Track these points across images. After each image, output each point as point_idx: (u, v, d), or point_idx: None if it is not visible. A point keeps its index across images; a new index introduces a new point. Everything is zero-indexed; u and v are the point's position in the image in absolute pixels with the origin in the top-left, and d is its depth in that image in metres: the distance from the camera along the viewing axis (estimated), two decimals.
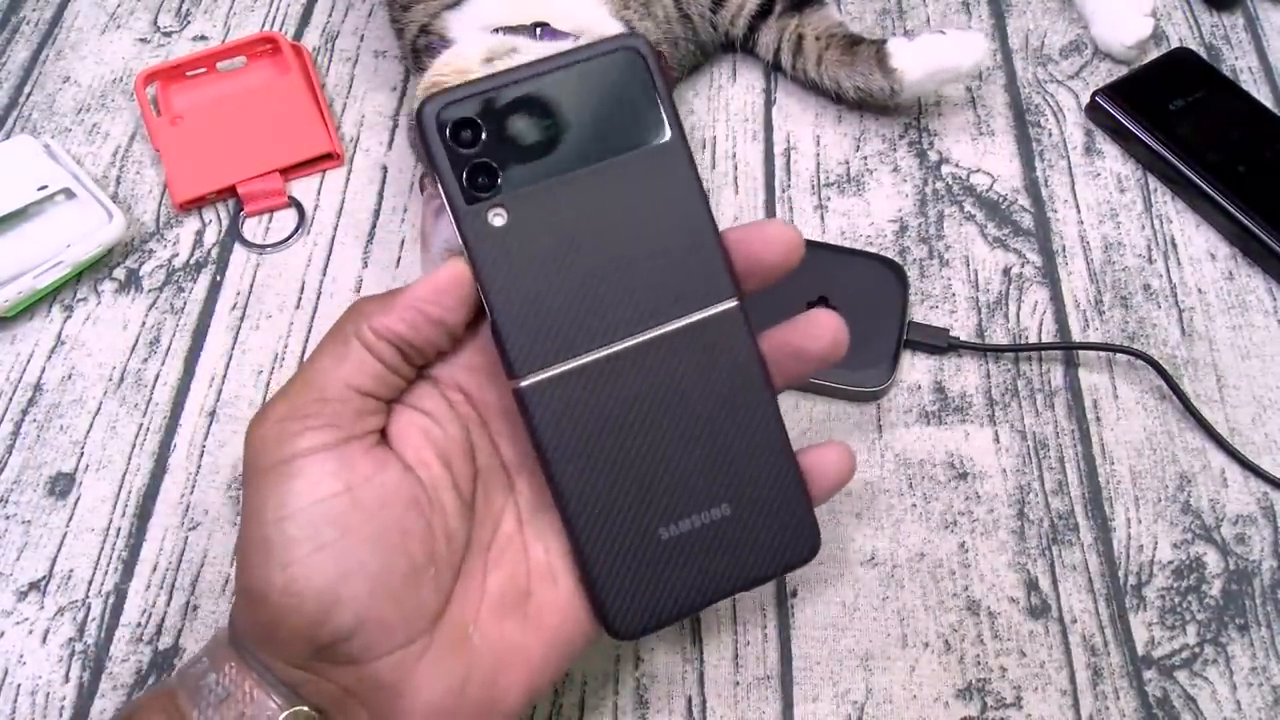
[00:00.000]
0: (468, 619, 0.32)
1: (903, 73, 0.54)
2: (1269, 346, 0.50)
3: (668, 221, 0.31)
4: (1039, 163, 0.56)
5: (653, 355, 0.31)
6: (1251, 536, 0.45)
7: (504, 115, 0.30)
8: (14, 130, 0.57)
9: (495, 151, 0.30)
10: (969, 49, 0.53)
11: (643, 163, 0.31)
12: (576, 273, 0.31)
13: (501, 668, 0.32)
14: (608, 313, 0.31)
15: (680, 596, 0.32)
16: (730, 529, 0.32)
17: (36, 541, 0.45)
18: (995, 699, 0.41)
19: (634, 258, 0.31)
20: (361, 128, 0.58)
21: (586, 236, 0.31)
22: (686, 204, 0.31)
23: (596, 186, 0.31)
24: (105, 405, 0.48)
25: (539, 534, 0.34)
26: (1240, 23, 0.63)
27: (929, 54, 0.53)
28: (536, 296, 0.30)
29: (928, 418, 0.48)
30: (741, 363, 0.32)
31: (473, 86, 0.30)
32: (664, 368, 0.31)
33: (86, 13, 0.63)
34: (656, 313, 0.31)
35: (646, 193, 0.31)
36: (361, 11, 0.63)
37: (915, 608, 0.43)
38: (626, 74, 0.31)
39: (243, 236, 0.54)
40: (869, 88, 0.55)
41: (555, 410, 0.31)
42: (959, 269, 0.52)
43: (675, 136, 0.31)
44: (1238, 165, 0.54)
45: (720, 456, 0.32)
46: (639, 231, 0.31)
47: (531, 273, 0.30)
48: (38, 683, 0.41)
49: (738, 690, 0.41)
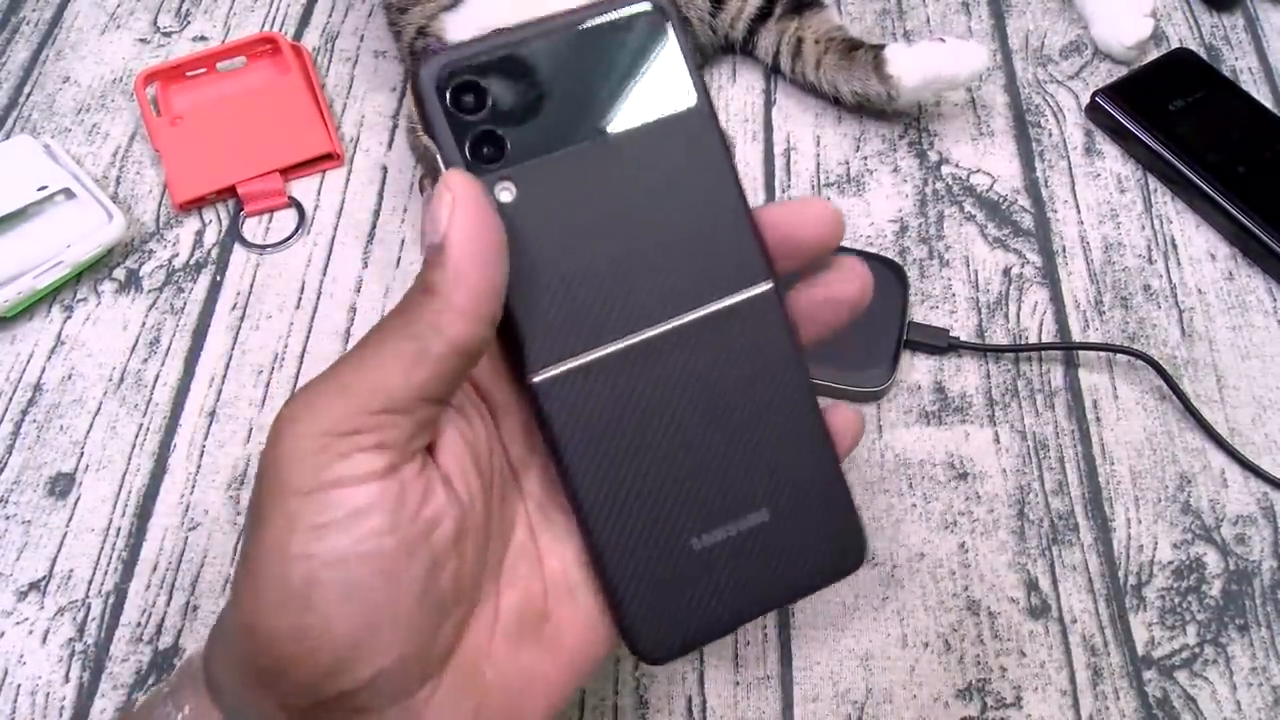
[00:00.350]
0: (481, 653, 0.28)
1: (899, 79, 0.54)
2: (1269, 346, 0.50)
3: (694, 196, 0.28)
4: (1039, 163, 0.56)
5: (679, 345, 0.28)
6: (1251, 537, 0.45)
7: (512, 78, 0.27)
8: (14, 130, 0.57)
9: (502, 119, 0.27)
10: (967, 58, 0.53)
11: (666, 131, 0.28)
12: (593, 254, 0.28)
13: (519, 699, 0.28)
14: (628, 298, 0.28)
15: (715, 613, 0.29)
16: (770, 536, 0.29)
17: (36, 541, 0.45)
18: (995, 699, 0.41)
19: (657, 237, 0.28)
20: (361, 128, 0.58)
21: (603, 213, 0.28)
22: (714, 176, 0.28)
23: (614, 157, 0.28)
24: (105, 405, 0.48)
25: (553, 541, 0.30)
26: (1240, 23, 0.63)
27: (926, 62, 0.53)
28: (549, 281, 0.27)
29: (928, 418, 0.48)
30: (777, 351, 0.29)
31: (476, 46, 0.27)
32: (692, 358, 0.28)
33: (86, 13, 0.63)
34: (682, 298, 0.28)
35: (670, 164, 0.28)
36: (361, 12, 0.63)
37: (915, 608, 0.43)
38: (647, 34, 0.28)
39: (243, 237, 0.54)
40: (866, 93, 0.55)
41: (572, 408, 0.28)
42: (959, 269, 0.52)
43: (701, 101, 0.28)
44: (1238, 165, 0.54)
45: (756, 456, 0.29)
46: (662, 207, 0.28)
47: (543, 255, 0.27)
48: (38, 683, 0.41)
49: (738, 690, 0.41)
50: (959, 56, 0.53)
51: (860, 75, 0.55)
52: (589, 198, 0.28)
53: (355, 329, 0.51)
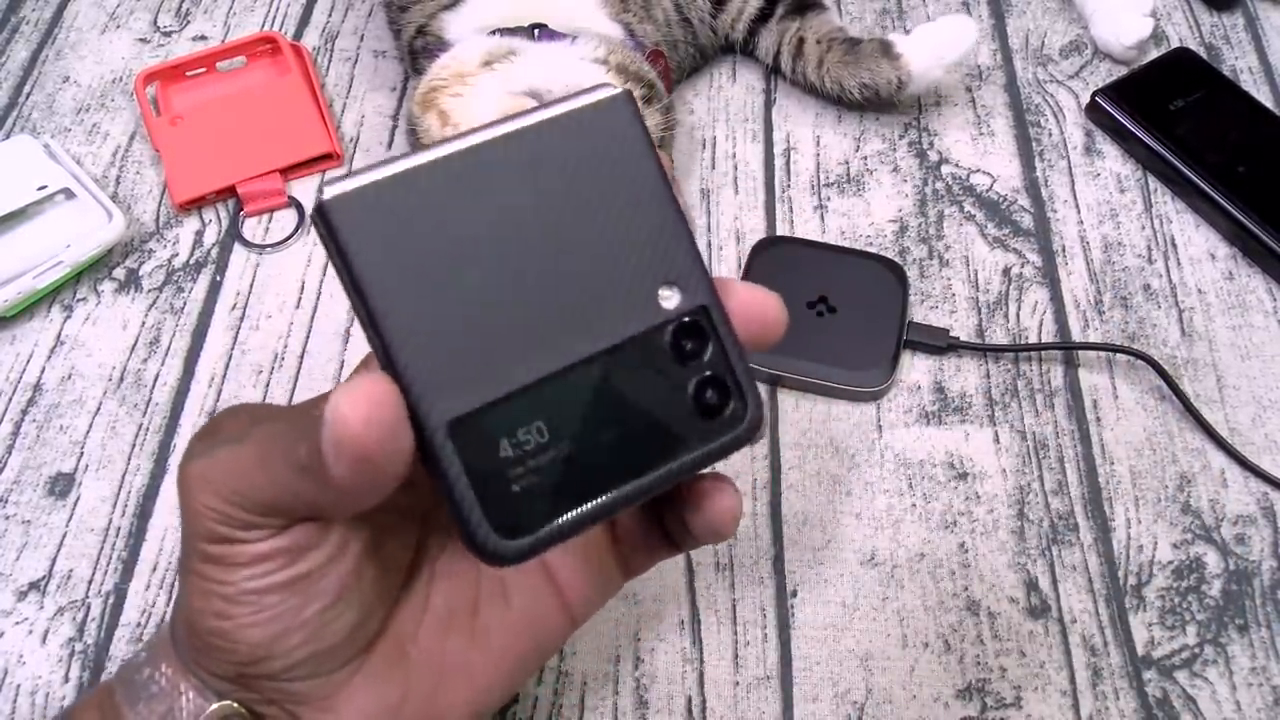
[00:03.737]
0: (407, 637, 0.30)
1: (909, 59, 0.54)
2: (1269, 346, 0.50)
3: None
4: (1039, 163, 0.56)
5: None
6: (1251, 537, 0.45)
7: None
8: (14, 130, 0.57)
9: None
10: (962, 29, 0.55)
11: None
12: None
13: (442, 685, 0.30)
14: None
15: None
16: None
17: (36, 541, 0.45)
18: (995, 699, 0.41)
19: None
20: (361, 128, 0.58)
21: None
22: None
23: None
24: (105, 405, 0.48)
25: None
26: (1240, 23, 0.63)
27: (930, 39, 0.55)
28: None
29: (927, 418, 0.48)
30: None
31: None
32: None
33: (86, 13, 0.63)
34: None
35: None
36: (361, 11, 0.63)
37: (915, 608, 0.43)
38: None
39: (243, 236, 0.54)
40: (876, 82, 0.55)
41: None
42: (959, 269, 0.52)
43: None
44: (1238, 165, 0.54)
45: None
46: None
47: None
48: (38, 683, 0.41)
49: (738, 690, 0.41)
50: (956, 28, 0.55)
51: (869, 65, 0.55)
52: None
53: (355, 329, 0.51)
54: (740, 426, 0.25)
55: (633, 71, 0.49)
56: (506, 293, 0.24)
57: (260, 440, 0.26)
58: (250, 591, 0.27)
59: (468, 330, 0.23)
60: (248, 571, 0.26)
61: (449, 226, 0.23)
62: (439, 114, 0.48)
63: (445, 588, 0.31)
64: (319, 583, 0.27)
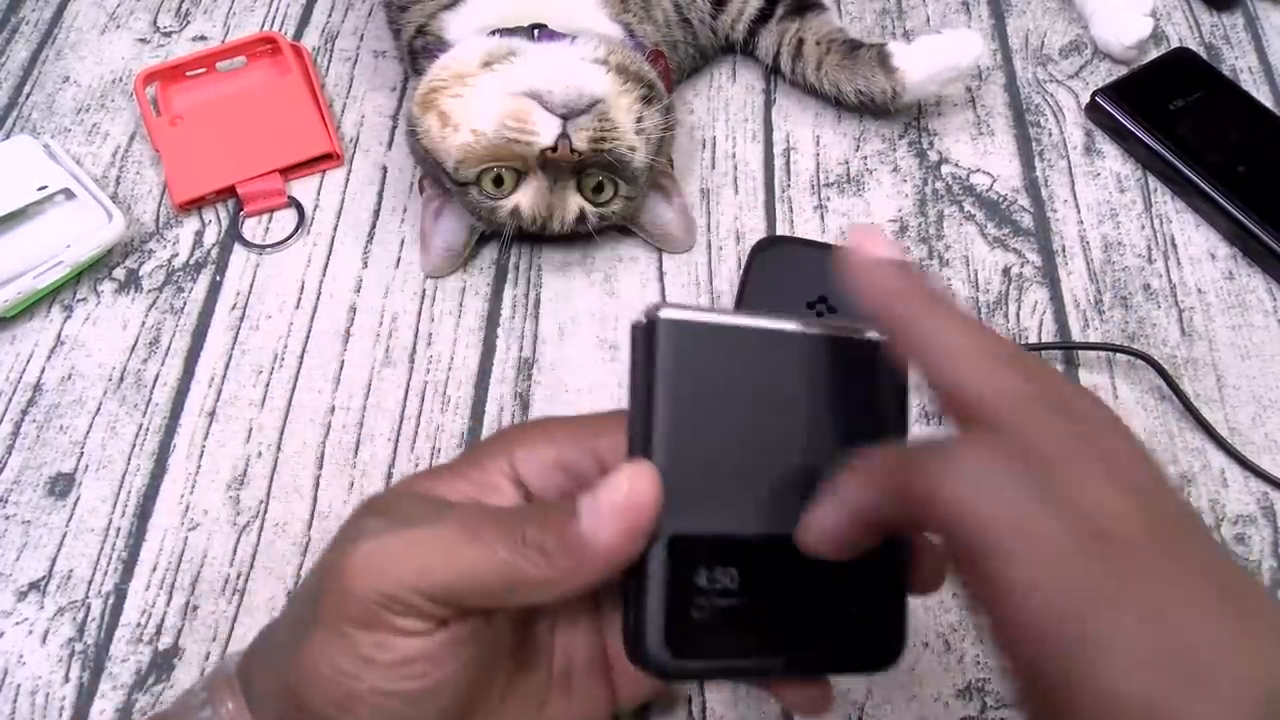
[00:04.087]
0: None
1: (905, 72, 0.54)
2: (1269, 346, 0.50)
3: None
4: (1039, 163, 0.56)
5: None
6: (1251, 536, 0.45)
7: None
8: (14, 130, 0.57)
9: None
10: (967, 46, 0.53)
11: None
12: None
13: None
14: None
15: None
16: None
17: (36, 541, 0.45)
18: (995, 699, 0.41)
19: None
20: (361, 128, 0.58)
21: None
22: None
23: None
24: (105, 405, 0.48)
25: (567, 636, 0.34)
26: (1240, 23, 0.63)
27: (930, 53, 0.54)
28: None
29: (928, 417, 0.48)
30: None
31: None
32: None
33: (86, 13, 0.63)
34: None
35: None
36: (361, 11, 0.63)
37: (915, 608, 0.42)
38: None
39: (242, 237, 0.54)
40: (870, 91, 0.55)
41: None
42: (959, 269, 0.52)
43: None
44: (1238, 165, 0.54)
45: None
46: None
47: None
48: (38, 683, 0.41)
49: (737, 690, 0.41)
50: (959, 45, 0.53)
51: (865, 74, 0.55)
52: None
53: (355, 329, 0.51)
54: (885, 659, 0.30)
55: (633, 72, 0.49)
56: (756, 455, 0.28)
57: (464, 520, 0.28)
58: (381, 692, 0.27)
59: (716, 468, 0.28)
60: (388, 674, 0.27)
61: (737, 383, 0.28)
62: (439, 115, 0.47)
63: (524, 680, 0.33)
64: (441, 691, 0.28)
